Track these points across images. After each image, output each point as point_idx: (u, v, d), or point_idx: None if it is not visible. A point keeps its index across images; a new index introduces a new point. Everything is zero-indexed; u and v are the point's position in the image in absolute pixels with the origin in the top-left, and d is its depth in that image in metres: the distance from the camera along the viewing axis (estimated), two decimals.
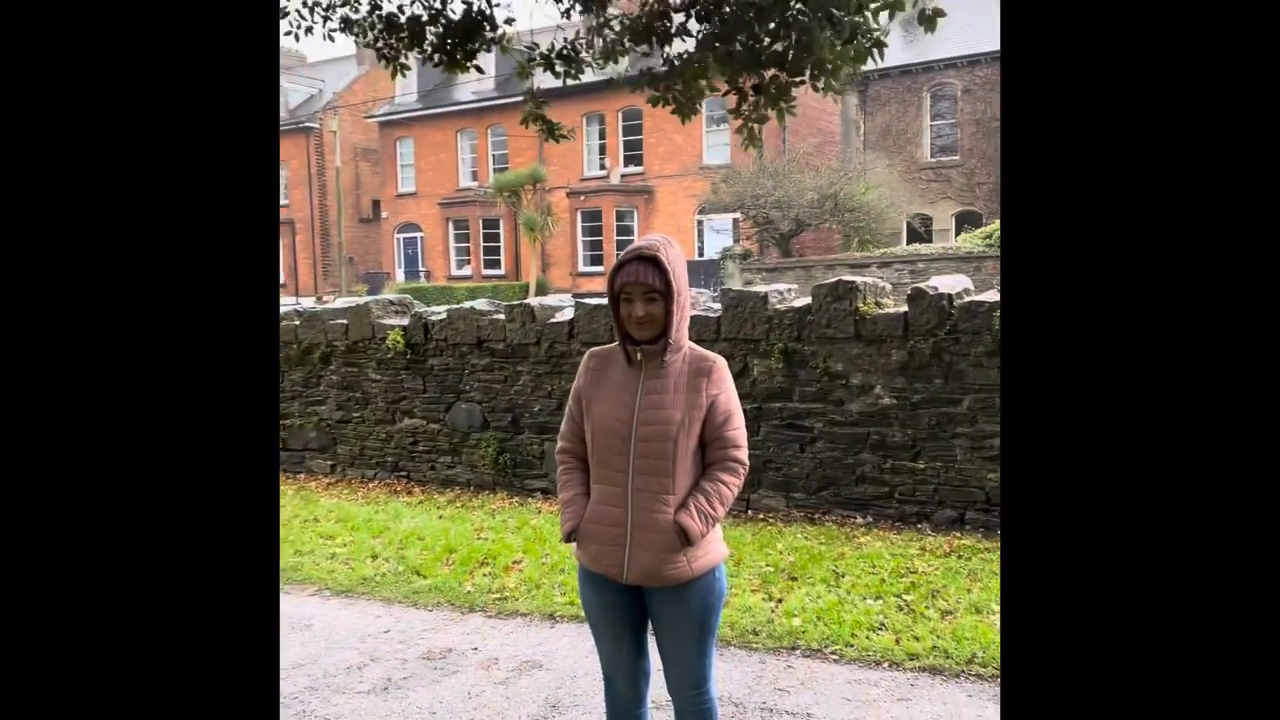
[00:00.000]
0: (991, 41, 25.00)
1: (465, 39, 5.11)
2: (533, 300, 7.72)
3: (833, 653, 4.10)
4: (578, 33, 5.63)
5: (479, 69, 5.39)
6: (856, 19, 4.35)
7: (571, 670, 4.03)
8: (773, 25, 4.41)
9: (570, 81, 5.53)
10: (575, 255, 30.61)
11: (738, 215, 25.23)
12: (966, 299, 6.03)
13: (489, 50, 5.46)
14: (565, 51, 5.26)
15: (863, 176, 23.34)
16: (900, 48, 26.10)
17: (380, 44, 5.38)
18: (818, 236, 25.62)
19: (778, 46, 4.48)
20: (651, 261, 2.50)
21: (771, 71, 4.58)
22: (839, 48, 4.39)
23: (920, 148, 26.58)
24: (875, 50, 4.48)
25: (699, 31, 4.72)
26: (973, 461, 5.95)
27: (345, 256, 31.26)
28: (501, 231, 32.25)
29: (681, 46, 4.91)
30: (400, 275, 34.57)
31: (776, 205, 22.41)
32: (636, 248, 2.54)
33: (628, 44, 5.02)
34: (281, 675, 4.12)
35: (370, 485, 8.33)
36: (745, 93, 4.74)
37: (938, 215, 26.20)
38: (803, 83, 4.64)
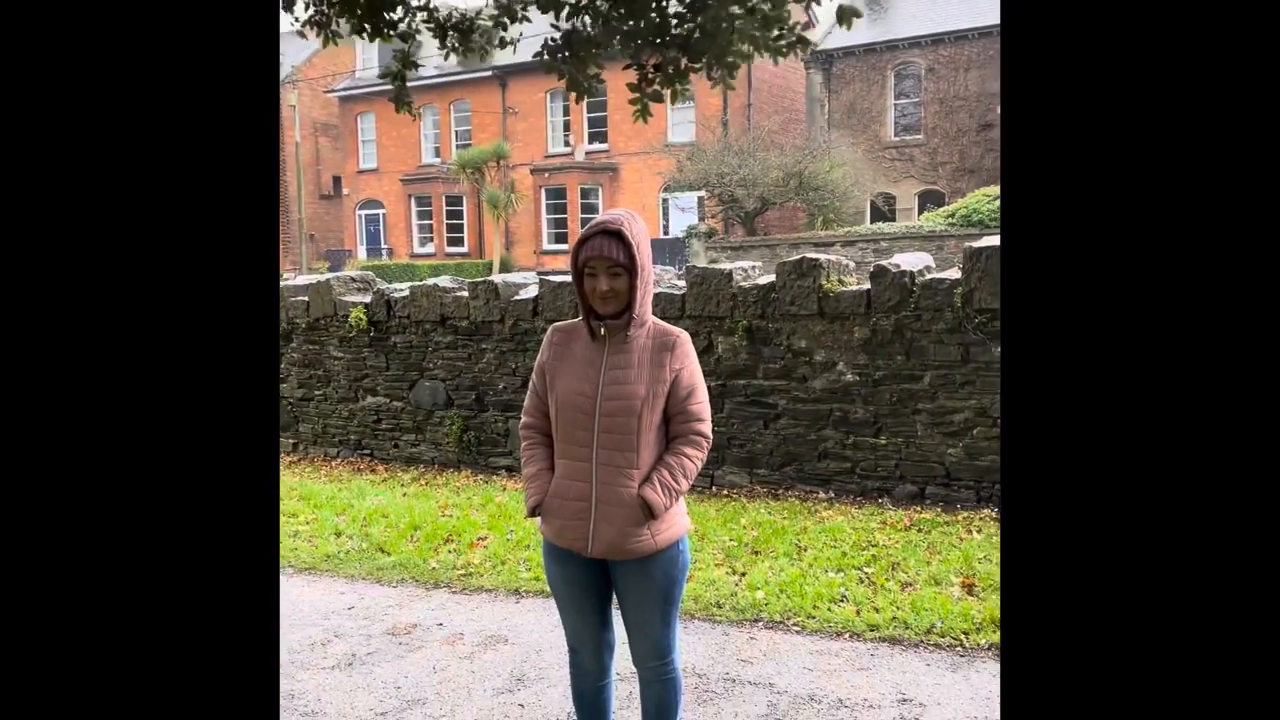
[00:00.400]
0: (955, 21, 25.13)
1: (384, 7, 5.01)
2: (496, 277, 7.69)
3: (795, 624, 4.16)
4: (478, 11, 5.57)
5: (403, 38, 5.27)
6: (777, 12, 4.39)
7: (536, 644, 4.05)
8: (684, 6, 4.44)
9: (474, 58, 5.47)
10: (539, 233, 30.44)
11: (703, 193, 25.21)
12: (928, 276, 6.09)
13: (412, 19, 5.35)
14: (462, 24, 5.17)
15: (827, 155, 23.41)
16: (864, 26, 26.14)
17: (311, 10, 5.27)
18: (782, 215, 25.72)
19: (683, 29, 4.51)
20: (616, 236, 2.50)
21: (673, 53, 4.59)
22: (758, 35, 4.42)
23: (884, 126, 26.71)
24: (799, 46, 4.52)
25: (607, 9, 4.69)
26: (933, 437, 6.04)
27: (306, 233, 30.83)
28: (465, 209, 31.97)
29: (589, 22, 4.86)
30: (362, 252, 34.18)
31: (741, 183, 22.43)
32: (600, 222, 2.53)
33: (522, 14, 4.97)
34: None
35: (333, 463, 8.27)
36: (646, 71, 4.75)
37: (901, 194, 26.39)
38: (700, 69, 4.66)
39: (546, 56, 4.88)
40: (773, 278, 6.54)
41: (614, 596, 2.69)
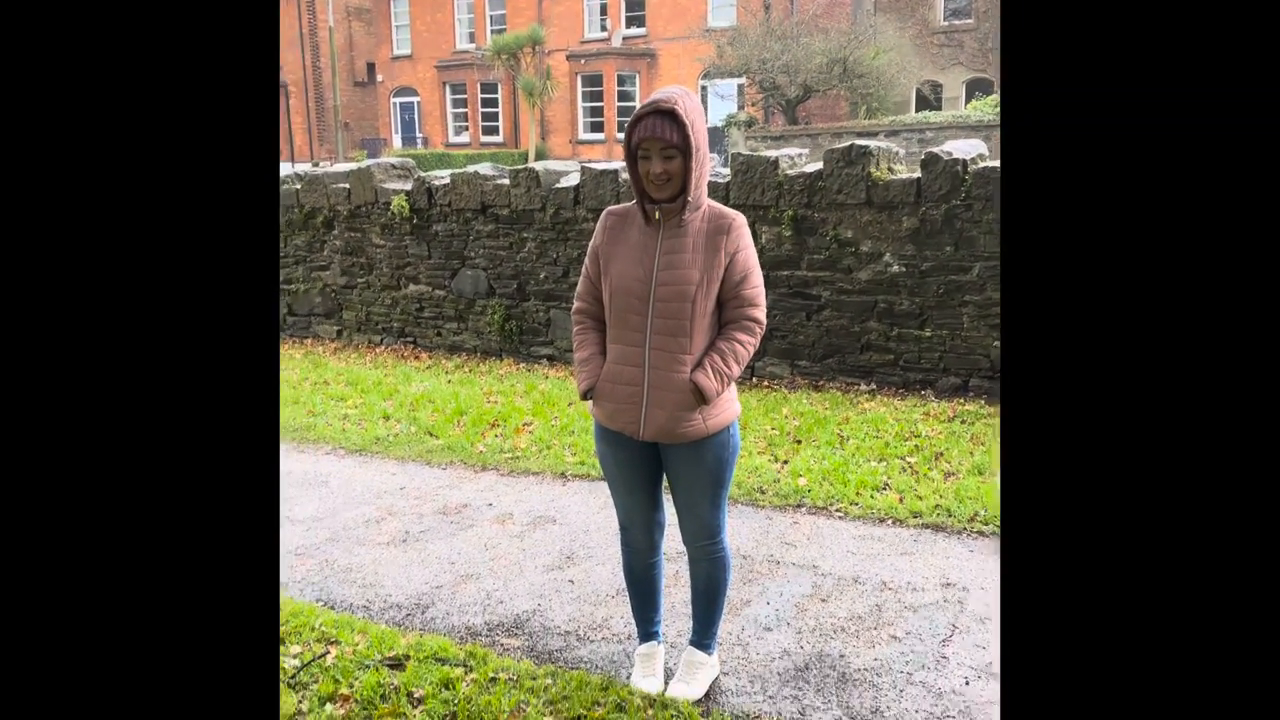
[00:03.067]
0: None
1: None
2: (538, 165, 7.58)
3: (837, 510, 4.22)
4: None
5: None
6: None
7: (584, 525, 4.16)
8: None
9: None
10: (575, 122, 29.92)
11: (743, 80, 24.50)
12: (981, 165, 5.92)
13: None
14: None
15: (873, 40, 22.54)
16: None
17: None
18: (824, 104, 24.96)
19: None
20: (669, 115, 2.43)
21: None
22: None
23: (933, 10, 25.59)
24: None
25: None
26: (979, 329, 5.98)
27: (341, 122, 30.53)
28: (500, 97, 31.41)
29: None
30: (397, 141, 33.88)
31: (783, 70, 21.73)
32: (653, 100, 2.46)
33: None
34: (302, 528, 4.25)
35: (377, 350, 8.39)
36: None
37: (948, 82, 25.45)
38: None
39: None
40: (820, 166, 6.40)
41: (664, 477, 2.74)
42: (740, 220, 2.57)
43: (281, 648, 3.07)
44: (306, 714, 2.68)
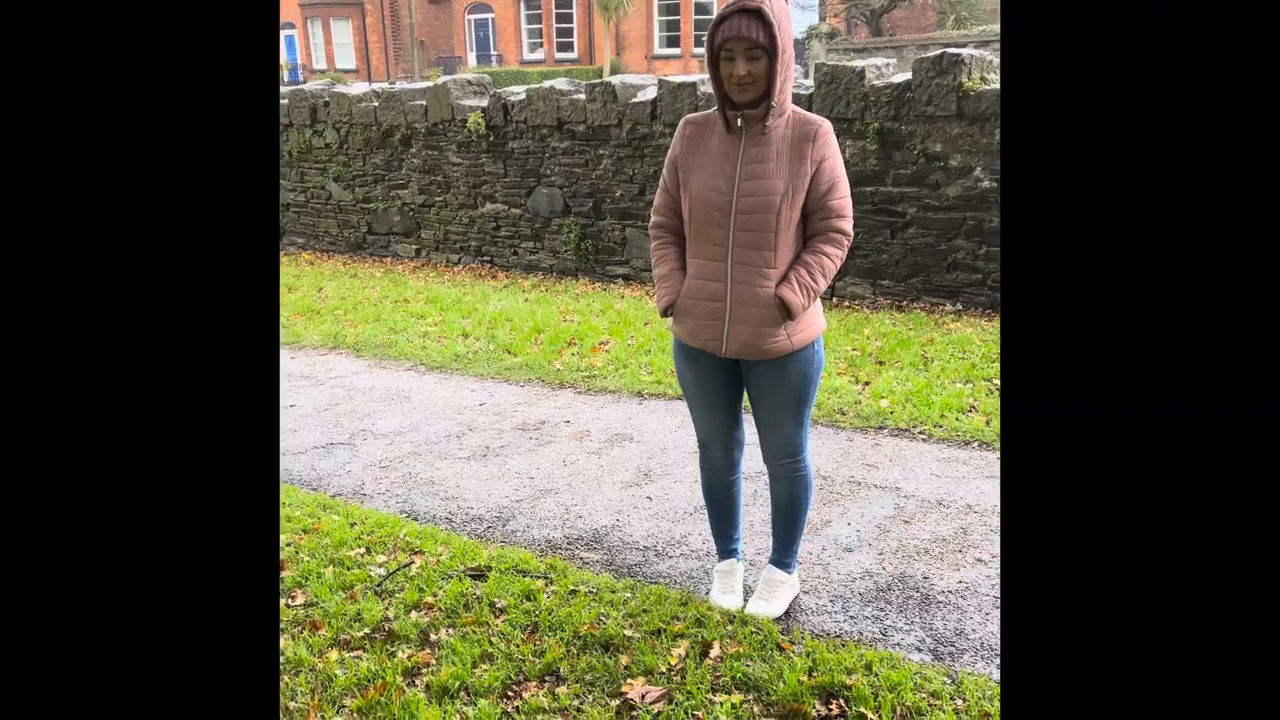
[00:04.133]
0: None
1: None
2: (614, 79, 7.41)
3: (921, 432, 4.12)
4: None
5: None
6: None
7: (661, 443, 4.14)
8: None
9: None
10: (651, 37, 29.26)
11: None
12: None
13: None
14: None
15: None
16: None
17: None
18: (910, 15, 23.92)
19: None
20: (755, 15, 2.30)
21: None
22: None
23: None
24: None
25: None
26: None
27: (416, 40, 30.36)
28: (574, 12, 30.84)
29: None
30: (472, 59, 33.64)
31: None
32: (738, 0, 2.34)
33: None
34: (385, 441, 4.34)
35: (455, 269, 8.44)
36: None
37: None
38: None
39: None
40: (908, 76, 6.11)
41: (744, 394, 2.68)
42: (826, 126, 2.45)
43: (367, 557, 3.15)
44: (393, 620, 2.75)
